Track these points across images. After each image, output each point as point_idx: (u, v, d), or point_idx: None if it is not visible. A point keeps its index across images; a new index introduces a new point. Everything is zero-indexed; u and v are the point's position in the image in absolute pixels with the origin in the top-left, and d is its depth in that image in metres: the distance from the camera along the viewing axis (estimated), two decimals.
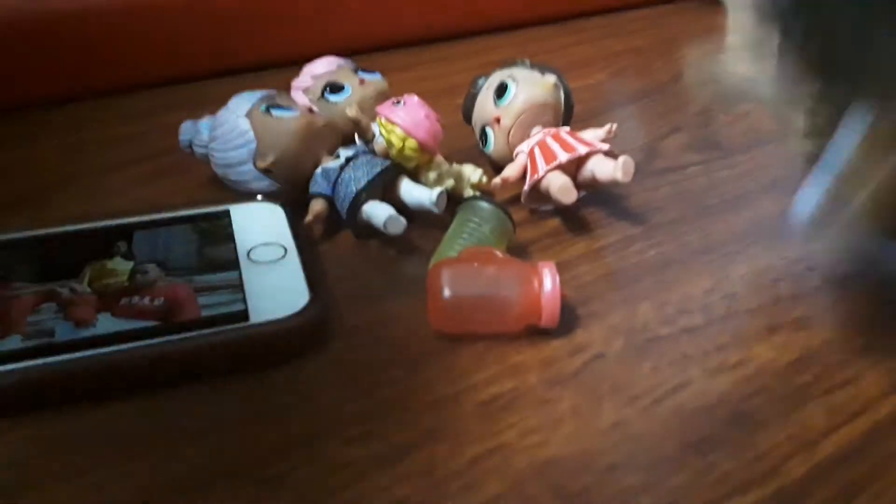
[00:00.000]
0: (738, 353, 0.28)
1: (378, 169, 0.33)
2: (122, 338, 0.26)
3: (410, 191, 0.33)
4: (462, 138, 0.42)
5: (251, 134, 0.33)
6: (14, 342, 0.25)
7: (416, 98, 0.33)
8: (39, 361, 0.25)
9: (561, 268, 0.32)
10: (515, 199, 0.36)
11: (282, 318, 0.27)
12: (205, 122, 0.36)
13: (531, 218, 0.36)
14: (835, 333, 0.28)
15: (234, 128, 0.33)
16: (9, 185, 0.40)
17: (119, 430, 0.24)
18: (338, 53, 0.42)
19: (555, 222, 0.36)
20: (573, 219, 0.36)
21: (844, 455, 0.23)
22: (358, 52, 0.53)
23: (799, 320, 0.29)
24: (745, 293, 0.31)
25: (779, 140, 0.45)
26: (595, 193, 0.37)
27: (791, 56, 0.25)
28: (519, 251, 0.33)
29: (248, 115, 0.33)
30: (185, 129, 0.36)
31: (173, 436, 0.24)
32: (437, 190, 0.32)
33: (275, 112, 0.33)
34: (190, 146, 0.36)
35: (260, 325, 0.27)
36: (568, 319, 0.29)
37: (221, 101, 0.36)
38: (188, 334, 0.26)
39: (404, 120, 0.32)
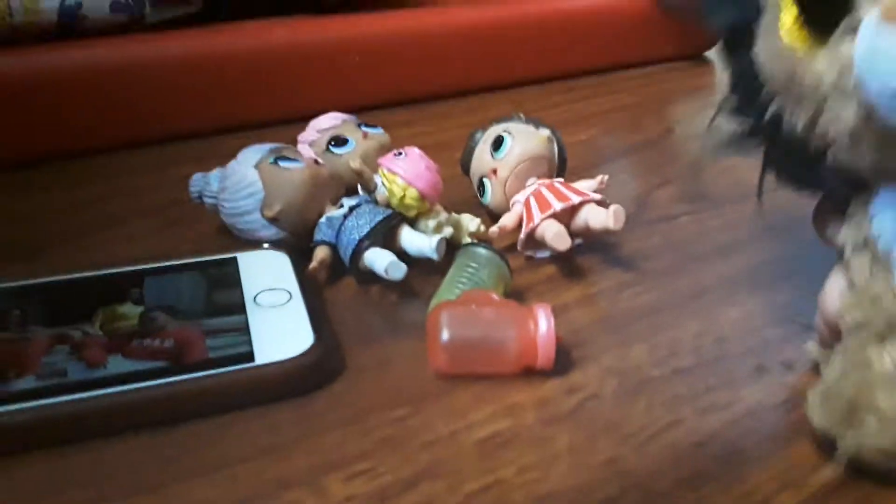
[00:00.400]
0: (728, 393, 0.28)
1: (380, 217, 0.34)
2: (132, 377, 0.27)
3: (411, 238, 0.35)
4: (460, 190, 0.43)
5: (259, 184, 0.35)
6: (29, 382, 0.26)
7: (416, 150, 0.35)
8: (52, 400, 0.25)
9: (556, 312, 0.33)
10: (512, 247, 0.38)
11: (286, 359, 0.28)
12: (214, 174, 0.37)
13: (527, 265, 0.37)
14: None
15: (243, 178, 0.35)
16: (22, 235, 0.41)
17: (127, 467, 0.25)
18: (342, 110, 0.44)
19: (550, 269, 0.37)
20: (568, 265, 0.37)
21: (831, 489, 0.24)
22: (361, 109, 0.55)
23: (786, 363, 0.30)
24: (734, 336, 0.32)
25: (764, 192, 0.46)
26: (589, 242, 0.39)
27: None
28: (516, 296, 0.34)
29: (257, 166, 0.35)
30: (196, 181, 0.38)
31: (180, 472, 0.25)
32: (437, 237, 0.34)
33: (282, 164, 0.35)
34: (200, 197, 0.38)
35: (265, 365, 0.28)
36: (563, 361, 0.30)
37: (229, 156, 0.37)
38: (196, 374, 0.27)
39: (405, 171, 0.34)
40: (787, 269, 0.37)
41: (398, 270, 0.32)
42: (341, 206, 0.36)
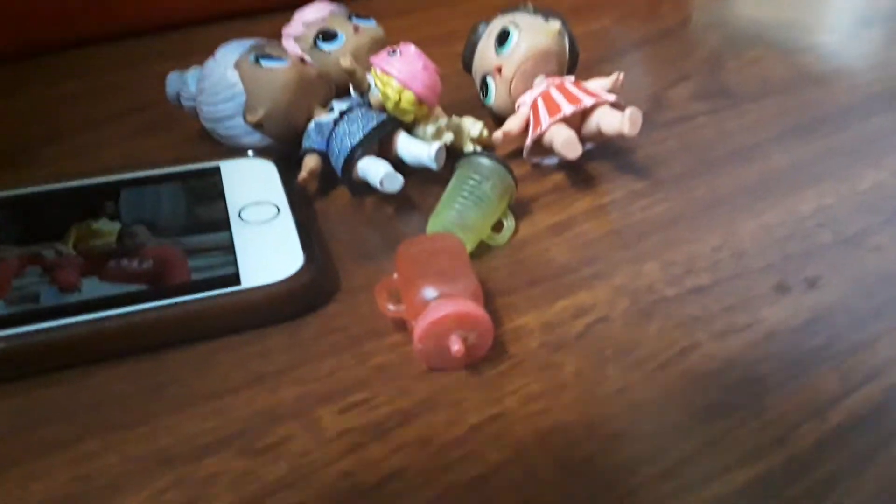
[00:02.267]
0: (747, 315, 0.27)
1: (374, 123, 0.31)
2: (109, 303, 0.25)
3: (408, 146, 0.32)
4: (462, 89, 0.40)
5: (240, 86, 0.31)
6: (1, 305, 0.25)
7: (413, 47, 0.31)
8: (24, 329, 0.24)
9: (564, 225, 0.31)
10: (517, 154, 0.35)
11: (275, 282, 0.26)
12: (192, 74, 0.34)
13: (533, 173, 0.35)
14: (847, 294, 0.27)
15: (221, 80, 0.32)
16: None
17: (109, 398, 0.23)
18: None
19: (558, 177, 0.34)
20: (577, 173, 0.35)
21: (856, 422, 0.22)
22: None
23: (810, 280, 0.28)
24: (754, 251, 0.30)
25: (790, 88, 0.43)
26: (600, 146, 0.36)
27: None
28: (521, 208, 0.32)
29: (237, 65, 0.32)
30: (172, 81, 0.35)
31: (164, 404, 0.23)
32: (436, 145, 0.31)
33: (264, 62, 0.32)
34: (178, 99, 0.35)
35: (252, 289, 0.26)
36: (571, 280, 0.28)
37: (210, 50, 0.34)
38: (178, 299, 0.25)
39: (401, 71, 0.30)
40: (811, 175, 0.34)
41: (394, 182, 0.30)
42: (331, 109, 0.33)
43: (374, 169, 0.30)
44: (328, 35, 0.36)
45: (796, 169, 0.35)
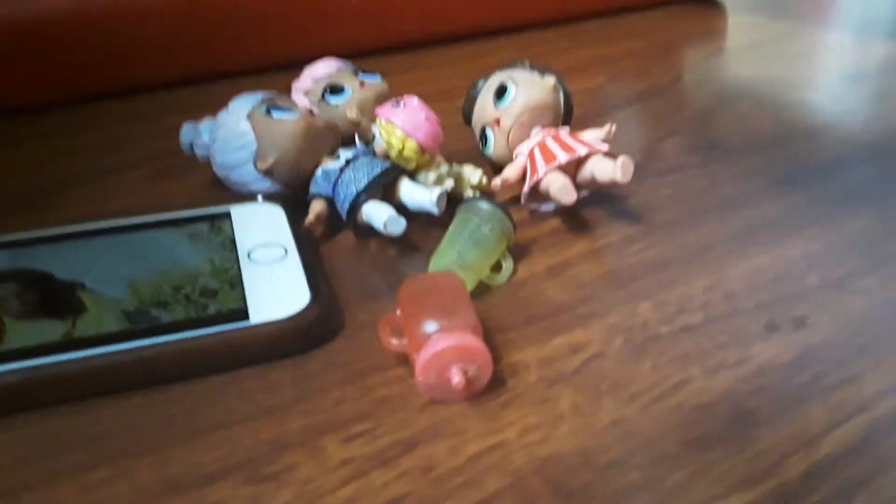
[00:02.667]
0: (738, 351, 0.28)
1: (378, 170, 0.33)
2: (124, 336, 0.26)
3: (411, 192, 0.33)
4: (462, 140, 0.42)
5: (252, 136, 0.33)
6: (23, 338, 0.25)
7: (416, 99, 0.33)
8: (45, 360, 0.25)
9: (561, 267, 0.33)
10: (516, 200, 0.37)
11: (282, 319, 0.27)
12: (205, 124, 0.36)
13: (531, 218, 0.36)
14: (833, 332, 0.28)
15: (234, 129, 0.33)
16: (15, 186, 0.40)
17: (120, 428, 0.24)
18: (338, 56, 0.42)
19: (555, 222, 0.36)
20: (573, 219, 0.36)
21: (844, 452, 0.23)
22: (358, 55, 0.53)
23: (798, 319, 0.29)
24: (744, 292, 0.31)
25: (777, 141, 0.45)
26: (595, 194, 0.37)
27: None
28: (519, 250, 0.33)
29: (249, 116, 0.34)
30: (186, 132, 0.37)
31: (174, 434, 0.24)
32: (438, 190, 0.32)
33: (275, 113, 0.34)
34: (191, 148, 0.36)
35: (260, 325, 0.27)
36: (567, 319, 0.29)
37: (222, 104, 0.36)
38: (190, 333, 0.26)
39: (404, 122, 0.32)
40: (799, 222, 0.36)
41: (397, 225, 0.31)
42: (338, 157, 0.34)
43: (378, 213, 0.32)
44: (336, 89, 0.38)
45: (784, 217, 0.37)
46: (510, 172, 0.36)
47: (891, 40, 0.66)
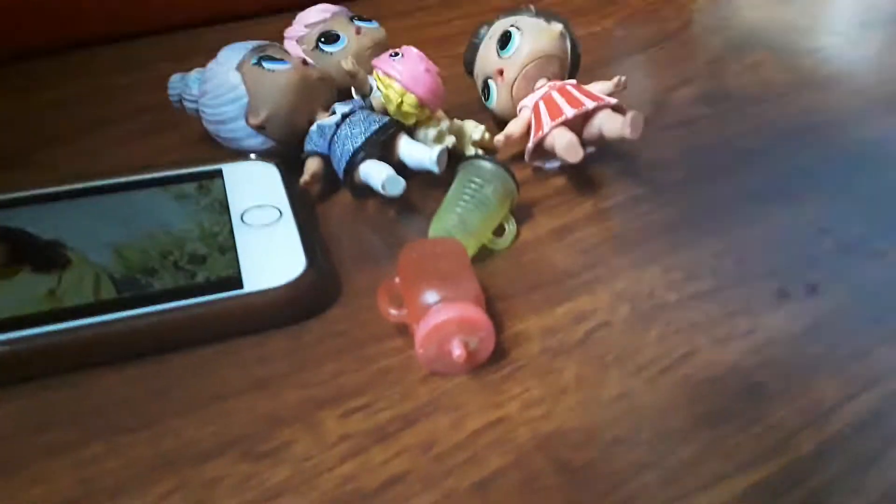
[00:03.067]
0: (748, 321, 0.27)
1: (375, 126, 0.32)
2: (113, 305, 0.25)
3: (410, 149, 0.32)
4: (464, 91, 0.40)
5: (242, 88, 0.32)
6: (8, 306, 0.25)
7: (415, 50, 0.31)
8: (30, 332, 0.24)
9: (566, 230, 0.31)
10: (519, 157, 0.35)
11: (277, 286, 0.26)
12: (194, 76, 0.34)
13: (535, 177, 0.35)
14: (848, 301, 0.28)
15: (224, 82, 0.32)
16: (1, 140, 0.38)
17: (113, 401, 0.24)
18: (333, 0, 0.40)
19: (560, 181, 0.35)
20: (579, 177, 0.35)
21: (856, 428, 0.23)
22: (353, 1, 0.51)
23: (810, 286, 0.28)
24: (755, 256, 0.30)
25: (791, 92, 0.43)
26: (602, 150, 0.36)
27: None
28: (523, 211, 0.32)
29: (239, 68, 0.32)
30: (174, 84, 0.35)
31: (168, 407, 0.23)
32: (438, 148, 0.31)
33: (267, 65, 0.32)
34: (180, 100, 0.35)
35: (254, 293, 0.26)
36: (572, 286, 0.28)
37: (211, 53, 0.34)
38: (181, 302, 0.25)
39: (403, 74, 0.30)
40: (814, 178, 0.35)
41: (396, 186, 0.30)
42: (333, 112, 0.33)
43: (376, 172, 0.30)
44: (330, 37, 0.36)
45: (798, 175, 0.35)
46: (514, 128, 0.34)
47: None
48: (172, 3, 0.50)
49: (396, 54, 0.31)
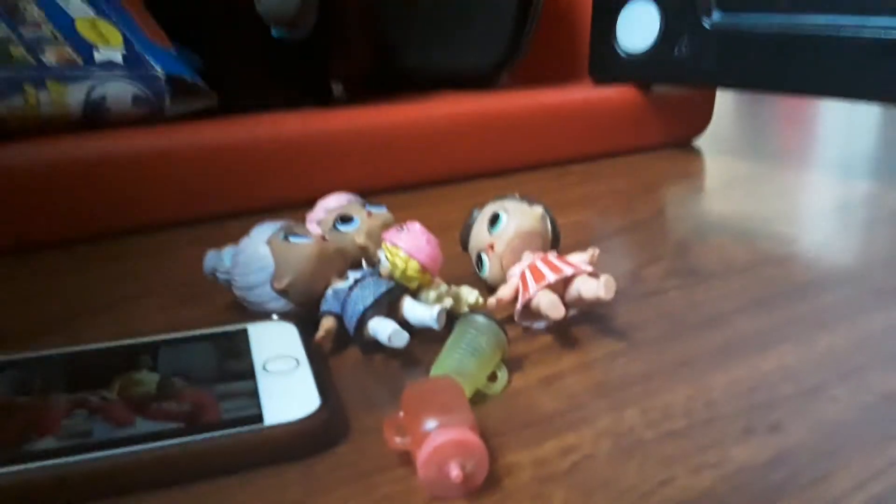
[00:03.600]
0: (718, 453, 0.30)
1: (383, 288, 0.36)
2: (149, 437, 0.28)
3: (413, 309, 0.36)
4: (460, 266, 0.46)
5: (270, 258, 0.37)
6: (49, 442, 0.28)
7: (418, 225, 0.37)
8: (71, 459, 0.27)
9: (552, 378, 0.35)
10: (510, 319, 0.40)
11: (294, 421, 0.29)
12: (228, 251, 0.40)
13: (524, 335, 0.39)
14: (806, 437, 0.31)
15: (255, 253, 0.37)
16: (44, 312, 0.43)
17: None
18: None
19: (546, 338, 0.39)
20: (563, 335, 0.39)
21: None
22: (366, 194, 0.58)
23: (773, 424, 0.31)
24: (723, 400, 0.33)
25: (752, 268, 0.49)
26: (583, 313, 0.40)
27: None
28: (513, 363, 0.36)
29: (269, 242, 0.37)
30: (210, 258, 0.40)
31: None
32: (438, 307, 0.36)
33: (292, 239, 0.37)
34: (213, 273, 0.40)
35: (273, 426, 0.29)
36: (559, 424, 0.31)
37: (237, 239, 0.40)
38: (210, 434, 0.28)
39: (407, 244, 0.36)
40: (772, 339, 0.39)
41: (401, 338, 0.34)
42: (347, 278, 0.38)
43: (382, 327, 0.35)
44: (345, 219, 0.42)
45: (759, 334, 0.39)
46: (504, 292, 0.39)
47: (864, 179, 0.72)
48: (201, 198, 0.57)
49: (402, 228, 0.37)
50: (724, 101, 1.25)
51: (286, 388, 0.31)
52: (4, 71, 0.52)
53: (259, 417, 0.29)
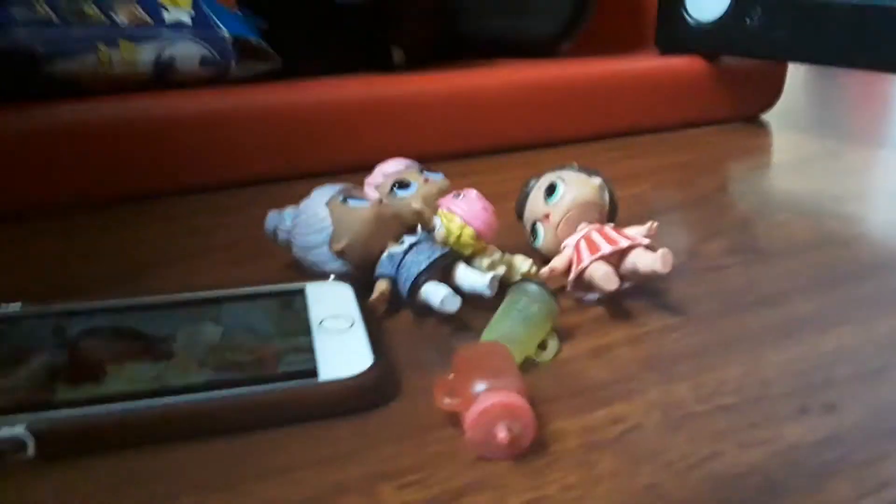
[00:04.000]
0: (770, 430, 0.29)
1: (438, 254, 0.37)
2: (212, 386, 0.29)
3: (466, 275, 0.37)
4: (515, 235, 0.46)
5: (329, 220, 0.38)
6: (117, 386, 0.29)
7: (474, 192, 0.38)
8: (140, 403, 0.28)
9: (603, 349, 0.35)
10: (562, 290, 0.39)
11: (347, 377, 0.30)
12: (289, 212, 0.41)
13: (577, 306, 0.39)
14: (862, 417, 0.30)
15: (315, 215, 0.38)
16: (113, 265, 0.45)
17: (201, 466, 0.27)
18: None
19: (599, 310, 0.39)
20: (616, 308, 0.39)
21: None
22: (424, 161, 0.59)
23: (828, 404, 0.31)
24: (777, 379, 0.33)
25: (815, 248, 0.47)
26: (638, 286, 0.40)
27: None
28: (564, 333, 0.36)
29: (328, 204, 0.38)
30: (271, 218, 0.41)
31: (248, 474, 0.27)
32: (491, 274, 0.36)
33: (350, 202, 0.38)
34: (274, 232, 0.41)
35: (328, 381, 0.30)
36: (608, 394, 0.32)
37: (299, 200, 0.41)
38: (267, 386, 0.29)
39: (463, 210, 0.36)
40: (832, 320, 0.38)
41: (453, 303, 0.35)
42: (402, 242, 0.38)
43: (435, 292, 0.35)
44: (403, 184, 0.43)
45: (819, 314, 0.39)
46: (558, 262, 0.39)
47: None
48: (267, 160, 0.59)
49: (459, 195, 0.37)
50: (796, 74, 1.20)
51: (341, 346, 0.32)
52: (78, 29, 0.54)
53: (314, 372, 0.30)
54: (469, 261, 0.38)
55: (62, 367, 0.30)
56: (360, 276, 0.39)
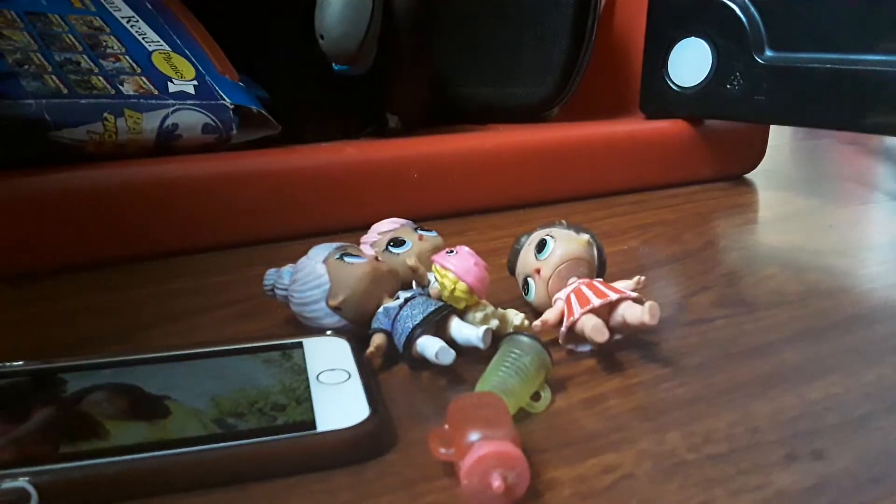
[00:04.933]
0: (759, 477, 0.30)
1: (432, 308, 0.38)
2: (211, 439, 0.30)
3: (460, 328, 0.38)
4: (507, 290, 0.47)
5: (326, 277, 0.39)
6: (110, 441, 0.30)
7: (466, 248, 0.39)
8: (144, 455, 0.29)
9: (595, 400, 0.36)
10: (554, 342, 0.40)
11: (344, 428, 0.31)
12: (287, 269, 0.42)
13: (569, 357, 0.40)
14: (850, 464, 0.31)
15: (312, 271, 0.39)
16: (116, 322, 0.46)
17: None
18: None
19: (591, 361, 0.39)
20: (607, 359, 0.40)
21: None
22: (418, 220, 0.60)
23: (817, 452, 0.31)
24: (766, 427, 0.33)
25: (801, 300, 0.48)
26: (627, 339, 0.41)
27: None
28: (557, 384, 0.37)
29: (325, 261, 0.39)
30: (270, 275, 0.43)
31: None
32: (484, 328, 0.37)
33: (347, 259, 0.39)
34: (272, 289, 0.42)
35: (325, 432, 0.30)
36: (601, 444, 0.32)
37: (296, 259, 0.42)
38: (265, 438, 0.30)
39: (456, 266, 0.38)
40: (820, 369, 0.39)
41: (448, 355, 0.35)
42: (397, 297, 0.39)
43: (430, 345, 0.36)
44: (398, 242, 0.44)
45: (806, 364, 0.39)
46: (549, 315, 0.40)
47: None
48: (265, 222, 0.60)
49: (452, 251, 0.39)
50: (779, 134, 1.23)
51: (338, 399, 0.33)
52: (87, 99, 0.56)
53: (312, 424, 0.31)
54: (463, 315, 0.39)
55: (64, 422, 0.31)
56: (357, 331, 0.39)
